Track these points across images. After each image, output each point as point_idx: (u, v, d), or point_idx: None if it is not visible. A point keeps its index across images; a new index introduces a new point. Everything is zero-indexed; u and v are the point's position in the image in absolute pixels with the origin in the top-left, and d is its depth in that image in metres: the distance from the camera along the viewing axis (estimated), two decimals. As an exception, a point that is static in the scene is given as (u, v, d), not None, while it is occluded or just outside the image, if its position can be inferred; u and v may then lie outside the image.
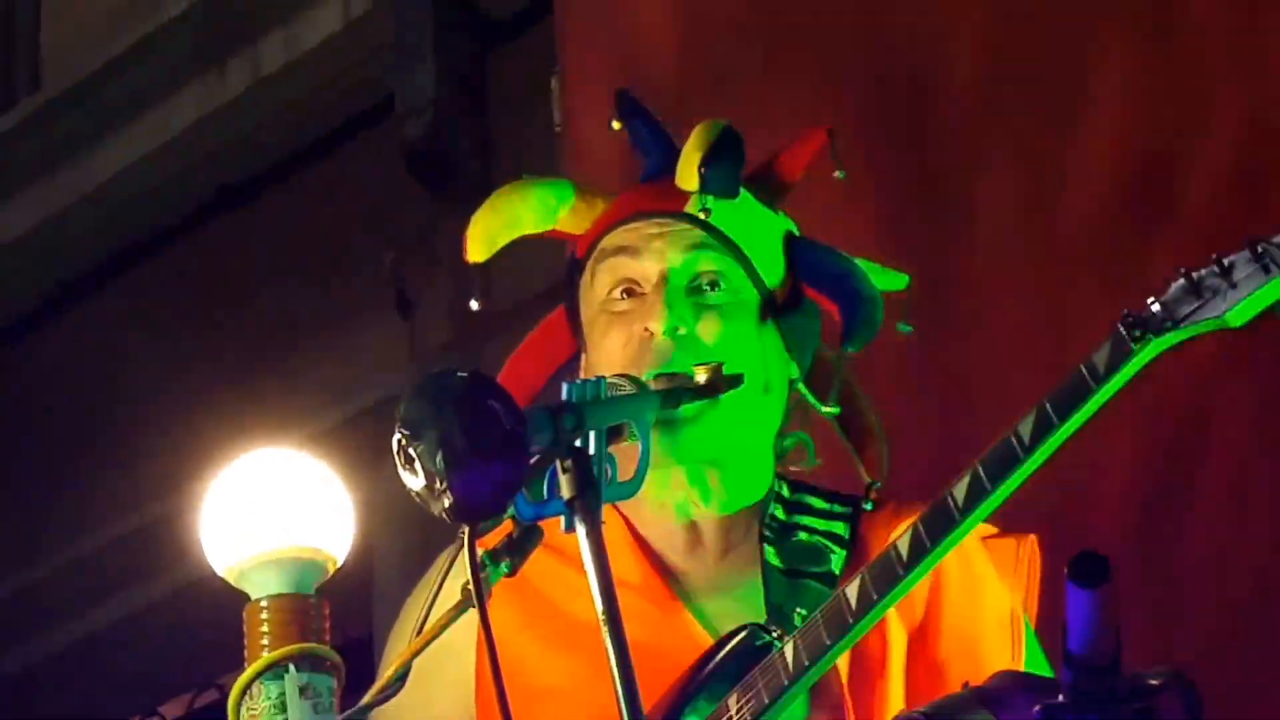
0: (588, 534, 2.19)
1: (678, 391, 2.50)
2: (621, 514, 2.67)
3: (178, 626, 5.94)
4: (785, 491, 2.71)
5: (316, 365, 5.74)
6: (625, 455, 2.29)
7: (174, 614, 5.97)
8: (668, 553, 2.69)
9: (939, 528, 2.43)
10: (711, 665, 2.58)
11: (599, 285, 2.69)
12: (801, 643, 2.51)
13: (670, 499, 2.65)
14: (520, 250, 2.86)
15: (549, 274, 4.02)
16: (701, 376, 2.52)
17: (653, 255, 2.66)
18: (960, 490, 2.41)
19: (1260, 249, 2.27)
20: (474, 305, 5.04)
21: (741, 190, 2.71)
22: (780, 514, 2.70)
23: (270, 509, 2.38)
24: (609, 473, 2.24)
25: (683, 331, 2.61)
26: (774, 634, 2.56)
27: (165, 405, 5.94)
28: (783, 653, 2.52)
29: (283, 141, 5.99)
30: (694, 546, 2.68)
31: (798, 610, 2.57)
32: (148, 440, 5.95)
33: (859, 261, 2.77)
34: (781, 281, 2.72)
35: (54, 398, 6.50)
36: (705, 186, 2.66)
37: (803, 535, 2.68)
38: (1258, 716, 3.56)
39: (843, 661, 2.56)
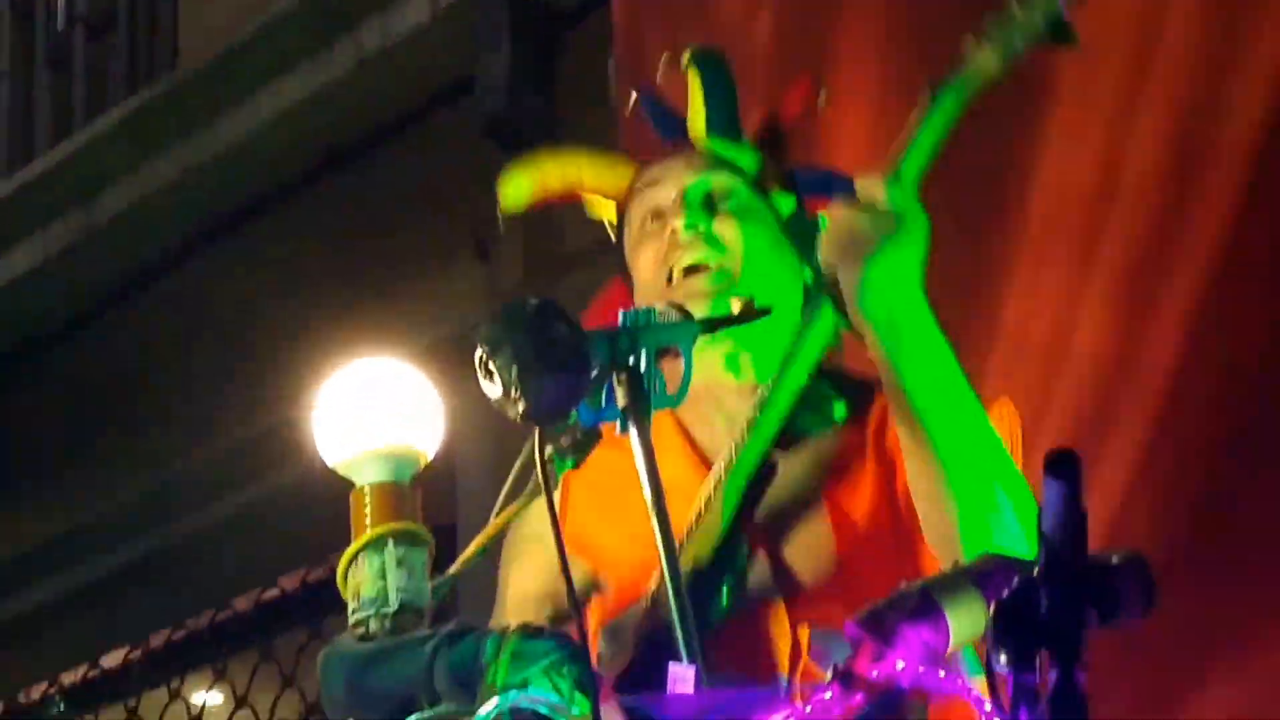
0: (638, 436, 2.19)
1: (715, 320, 2.50)
2: (674, 417, 2.66)
3: (292, 514, 5.96)
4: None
5: (408, 300, 5.74)
6: (671, 371, 2.28)
7: (289, 503, 5.98)
8: (707, 438, 2.66)
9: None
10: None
11: (633, 222, 2.68)
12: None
13: (707, 381, 2.61)
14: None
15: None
16: (736, 307, 2.52)
17: (672, 180, 2.65)
18: None
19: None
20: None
21: (745, 145, 2.69)
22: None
23: (374, 410, 2.38)
24: (657, 385, 2.24)
25: (701, 229, 2.60)
26: None
27: (284, 329, 5.95)
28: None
29: (380, 114, 5.98)
30: (730, 429, 2.65)
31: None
32: (269, 357, 5.96)
33: None
34: (792, 208, 2.70)
35: (195, 322, 6.52)
36: (710, 127, 2.65)
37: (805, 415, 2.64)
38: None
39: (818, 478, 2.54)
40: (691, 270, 2.58)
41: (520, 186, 2.78)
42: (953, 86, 2.50)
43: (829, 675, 1.88)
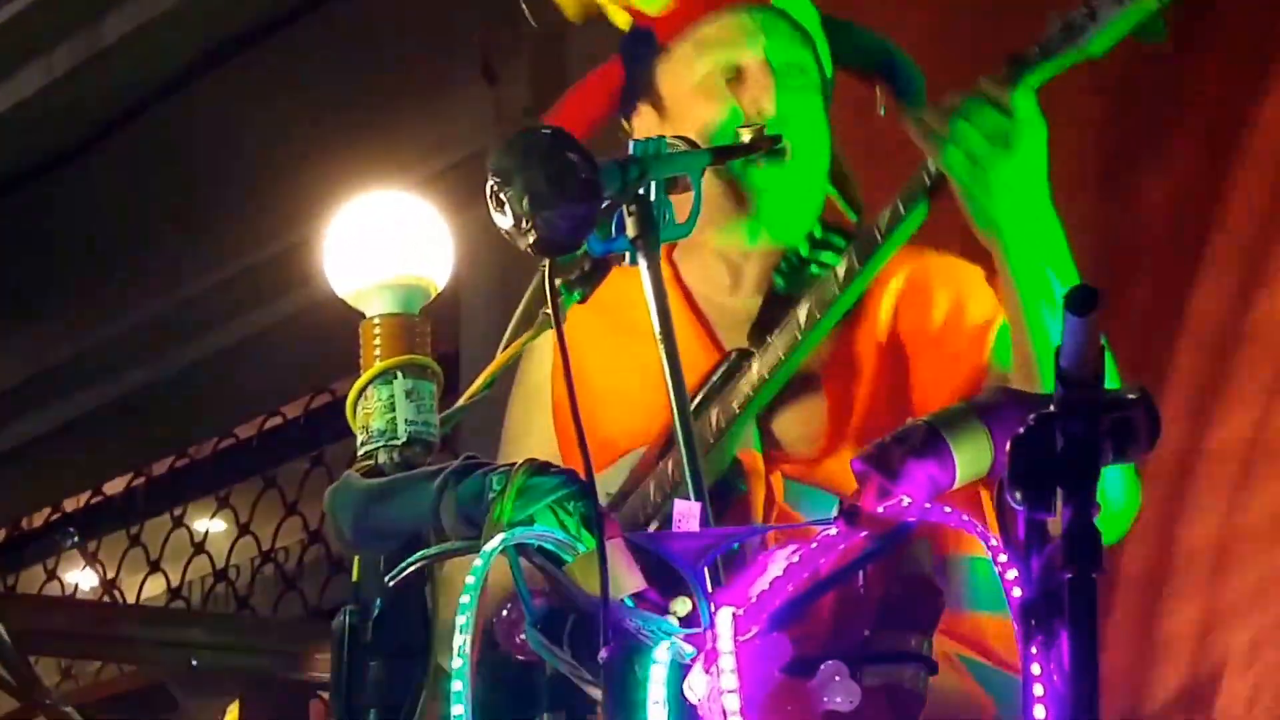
0: (648, 266, 2.18)
1: (724, 149, 2.49)
2: (674, 268, 2.67)
3: (297, 341, 5.97)
4: (817, 231, 2.69)
5: (415, 124, 5.71)
6: (681, 203, 2.26)
7: (294, 330, 5.99)
8: (710, 294, 2.67)
9: (865, 253, 2.52)
10: (704, 389, 2.58)
11: (698, 69, 2.65)
12: (761, 360, 2.52)
13: (721, 241, 2.63)
14: (590, 26, 2.82)
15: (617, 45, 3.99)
16: (745, 137, 2.50)
17: (749, 39, 2.63)
18: (882, 220, 2.51)
19: None
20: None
21: None
22: (804, 250, 2.67)
23: (384, 242, 2.36)
24: (666, 215, 2.22)
25: (771, 112, 2.58)
26: (750, 355, 2.56)
27: (292, 154, 5.93)
28: (748, 368, 2.53)
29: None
30: (735, 284, 2.66)
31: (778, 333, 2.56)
32: (276, 182, 5.94)
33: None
34: (842, 66, 2.71)
35: (202, 147, 6.49)
36: None
37: (814, 269, 2.65)
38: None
39: (821, 361, 2.55)
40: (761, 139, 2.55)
41: None
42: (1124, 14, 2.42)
43: (835, 512, 1.88)
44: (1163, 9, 2.39)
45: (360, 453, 2.31)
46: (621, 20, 2.74)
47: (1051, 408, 1.59)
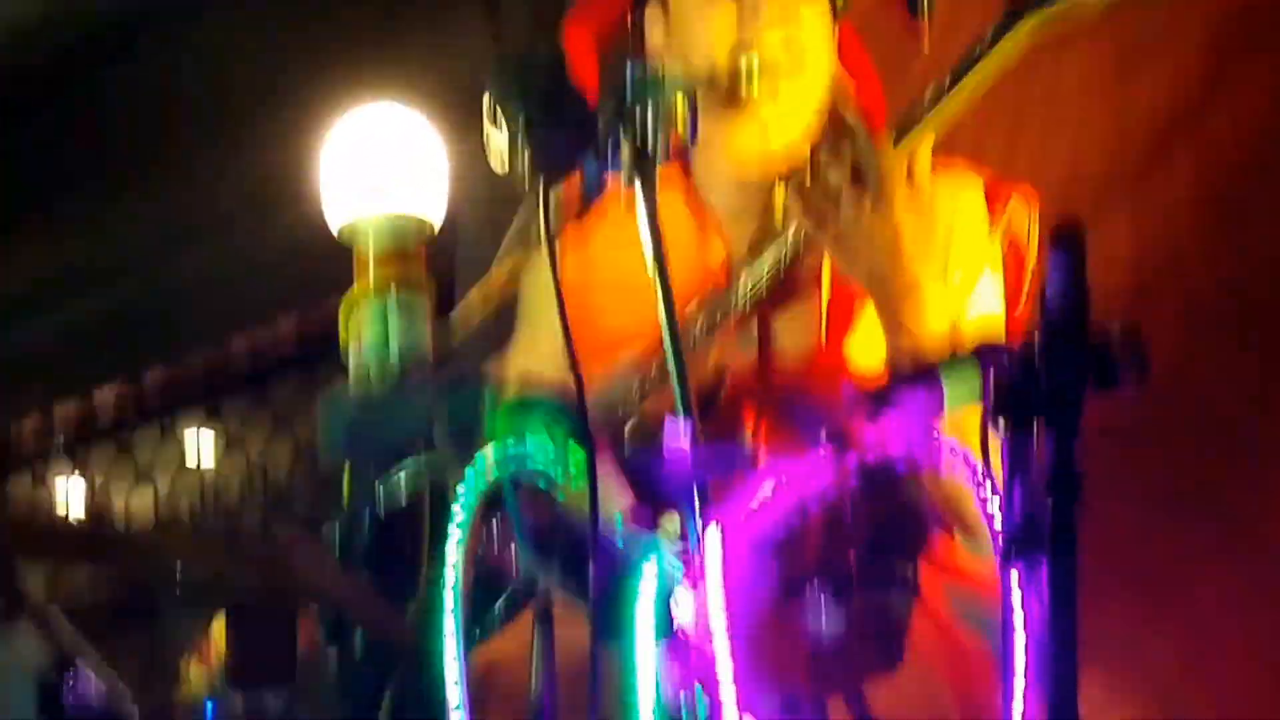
0: (643, 188, 2.19)
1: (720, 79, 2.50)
2: (686, 169, 2.66)
3: (290, 257, 5.97)
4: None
5: (414, 51, 5.70)
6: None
7: (288, 246, 5.99)
8: (719, 199, 2.68)
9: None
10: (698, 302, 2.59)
11: None
12: (749, 276, 2.55)
13: (728, 146, 2.63)
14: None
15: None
16: (744, 63, 2.51)
17: None
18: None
19: None
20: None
21: None
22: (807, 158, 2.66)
23: (382, 172, 2.36)
24: (663, 139, 2.24)
25: (788, 33, 2.59)
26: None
27: (289, 75, 5.91)
28: (736, 283, 2.55)
29: None
30: (744, 204, 2.67)
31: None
32: (272, 103, 5.94)
33: None
34: None
35: (201, 66, 6.48)
36: None
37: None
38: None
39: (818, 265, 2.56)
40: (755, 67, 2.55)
41: None
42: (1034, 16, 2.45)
43: (823, 435, 1.90)
44: None
45: (352, 366, 2.33)
46: None
47: (1036, 343, 1.61)
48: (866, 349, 2.52)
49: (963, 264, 2.56)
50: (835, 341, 2.56)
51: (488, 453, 1.97)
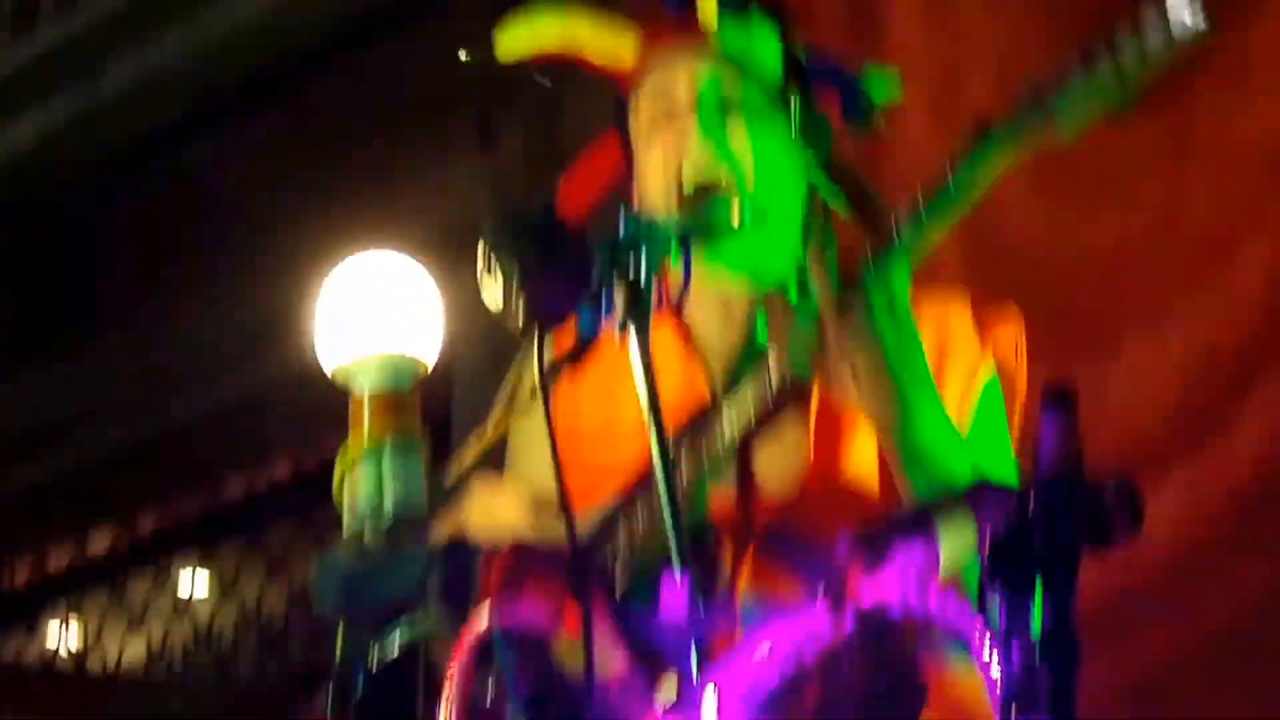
0: (637, 343, 2.20)
1: (709, 225, 2.51)
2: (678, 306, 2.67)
3: (286, 401, 5.98)
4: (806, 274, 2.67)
5: (409, 188, 5.74)
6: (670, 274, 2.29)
7: (284, 390, 6.00)
8: (706, 332, 2.68)
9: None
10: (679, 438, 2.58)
11: (642, 113, 2.68)
12: (731, 419, 2.53)
13: (717, 288, 2.63)
14: (586, 92, 2.84)
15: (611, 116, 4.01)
16: (730, 206, 2.52)
17: (684, 76, 2.64)
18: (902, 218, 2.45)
19: (1088, 57, 2.29)
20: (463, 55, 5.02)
21: (757, 17, 2.68)
22: (792, 288, 2.66)
23: (376, 314, 2.37)
24: (657, 293, 2.25)
25: (714, 140, 2.60)
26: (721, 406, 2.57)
27: (284, 214, 5.96)
28: (719, 425, 2.54)
29: (393, 6, 5.97)
30: (725, 321, 2.67)
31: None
32: (269, 242, 5.97)
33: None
34: (794, 89, 2.68)
35: (196, 204, 6.52)
36: (722, 6, 2.65)
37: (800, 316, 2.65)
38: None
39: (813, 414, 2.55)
40: (703, 190, 2.58)
41: (518, 38, 2.78)
42: (1007, 131, 2.42)
43: (820, 592, 1.90)
44: (1128, 82, 2.37)
45: (347, 529, 2.33)
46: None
47: (1031, 501, 1.62)
48: (861, 468, 2.52)
49: (955, 387, 2.56)
50: (825, 467, 2.55)
51: (481, 613, 1.96)
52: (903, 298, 2.46)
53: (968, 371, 2.57)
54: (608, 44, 2.73)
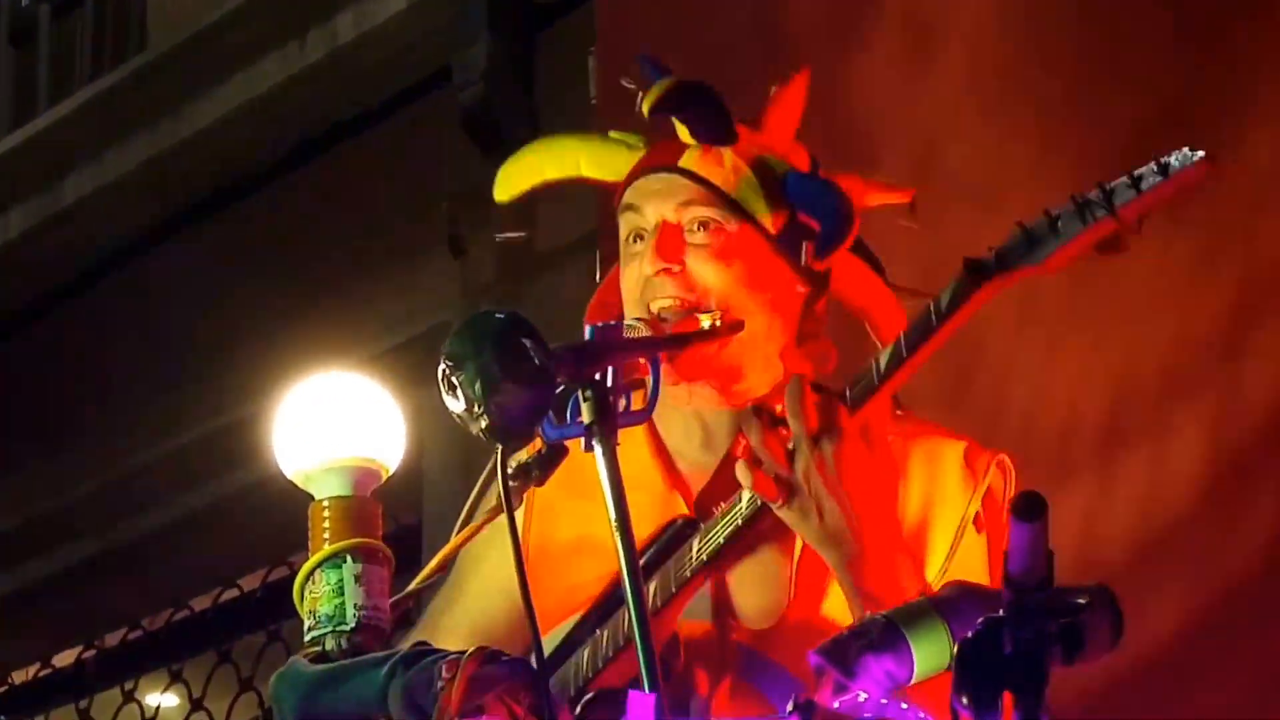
0: (603, 453, 2.19)
1: (684, 336, 2.50)
2: (651, 422, 2.64)
3: (253, 513, 5.96)
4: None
5: (379, 297, 5.75)
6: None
7: (250, 502, 5.99)
8: (685, 451, 2.66)
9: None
10: (646, 555, 2.54)
11: (622, 234, 2.69)
12: (702, 540, 2.51)
13: (689, 403, 2.62)
14: (558, 199, 2.84)
15: (584, 221, 4.02)
16: (706, 323, 2.51)
17: (651, 205, 2.62)
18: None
19: (1081, 201, 2.28)
20: (503, 237, 5.00)
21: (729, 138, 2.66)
22: (778, 409, 2.63)
23: (334, 424, 2.38)
24: (624, 401, 2.24)
25: (676, 269, 2.59)
26: (693, 527, 2.55)
27: (250, 322, 5.96)
28: (690, 545, 2.52)
29: (355, 104, 5.99)
30: (707, 442, 2.65)
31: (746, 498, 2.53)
32: (234, 351, 5.97)
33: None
34: (779, 213, 2.63)
35: (158, 313, 6.51)
36: (696, 137, 2.64)
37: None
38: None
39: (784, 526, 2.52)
40: (669, 310, 2.56)
41: (516, 177, 2.78)
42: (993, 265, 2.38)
43: (790, 707, 1.89)
44: (1122, 229, 2.35)
45: (308, 638, 2.32)
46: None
47: (1001, 611, 1.61)
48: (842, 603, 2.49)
49: (940, 532, 2.54)
50: (807, 600, 2.53)
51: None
52: (878, 432, 2.45)
53: (953, 523, 2.55)
54: (607, 167, 2.73)
